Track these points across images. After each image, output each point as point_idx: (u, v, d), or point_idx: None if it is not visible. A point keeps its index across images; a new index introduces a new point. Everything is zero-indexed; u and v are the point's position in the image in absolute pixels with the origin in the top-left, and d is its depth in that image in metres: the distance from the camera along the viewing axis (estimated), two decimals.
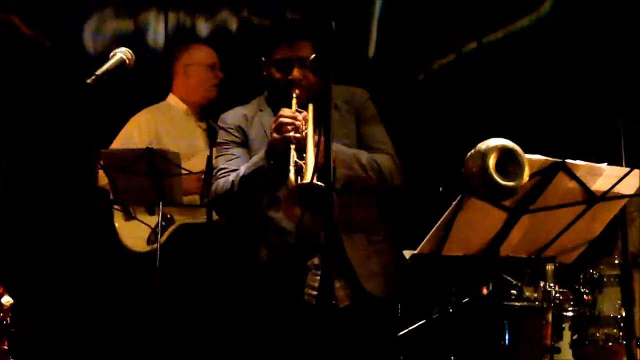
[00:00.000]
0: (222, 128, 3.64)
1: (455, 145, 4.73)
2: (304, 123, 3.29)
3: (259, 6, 5.38)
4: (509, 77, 4.96)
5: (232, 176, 3.44)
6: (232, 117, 3.63)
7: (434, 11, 5.14)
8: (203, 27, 5.43)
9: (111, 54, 2.84)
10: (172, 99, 4.72)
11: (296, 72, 3.45)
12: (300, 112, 3.33)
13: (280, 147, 3.26)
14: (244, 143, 3.57)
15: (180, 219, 4.42)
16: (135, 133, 4.53)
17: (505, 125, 4.72)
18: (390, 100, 4.51)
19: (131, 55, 2.85)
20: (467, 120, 4.90)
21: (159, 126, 4.57)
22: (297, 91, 3.41)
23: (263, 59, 3.56)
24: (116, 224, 4.47)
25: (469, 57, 5.12)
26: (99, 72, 2.71)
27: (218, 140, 3.68)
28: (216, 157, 3.68)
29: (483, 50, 5.09)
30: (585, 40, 4.75)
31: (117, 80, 2.83)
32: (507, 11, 5.09)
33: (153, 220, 4.37)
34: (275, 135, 3.27)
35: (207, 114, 4.66)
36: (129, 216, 4.44)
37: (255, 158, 3.40)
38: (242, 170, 3.40)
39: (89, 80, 2.66)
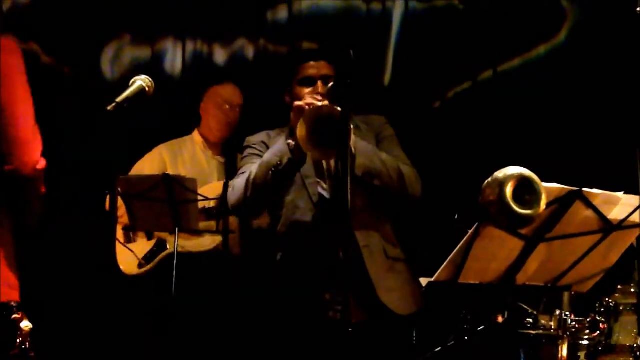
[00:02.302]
0: (246, 146, 3.69)
1: (470, 173, 4.75)
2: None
3: (276, 34, 5.41)
4: (524, 105, 4.97)
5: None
6: (256, 136, 3.71)
7: (449, 39, 5.17)
8: (220, 55, 5.47)
9: (131, 81, 2.85)
10: (195, 133, 4.82)
11: (320, 88, 3.52)
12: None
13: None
14: None
15: (173, 245, 4.31)
16: (147, 165, 4.62)
17: (521, 153, 4.74)
18: (405, 127, 4.52)
19: (151, 82, 2.87)
20: (482, 148, 4.91)
21: (169, 157, 4.65)
22: None
23: (288, 88, 3.61)
24: (116, 247, 4.50)
25: (485, 86, 5.13)
26: (119, 99, 2.72)
27: (242, 157, 3.71)
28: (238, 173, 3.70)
29: (499, 79, 5.11)
30: (601, 69, 4.76)
31: (136, 107, 2.85)
32: (523, 40, 5.11)
33: (150, 244, 4.48)
34: (295, 113, 3.31)
35: (230, 148, 4.73)
36: (127, 240, 4.49)
37: (275, 145, 3.43)
38: (263, 158, 3.43)
39: (109, 108, 2.68)
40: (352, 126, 3.10)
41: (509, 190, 2.55)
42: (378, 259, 3.45)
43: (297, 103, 3.35)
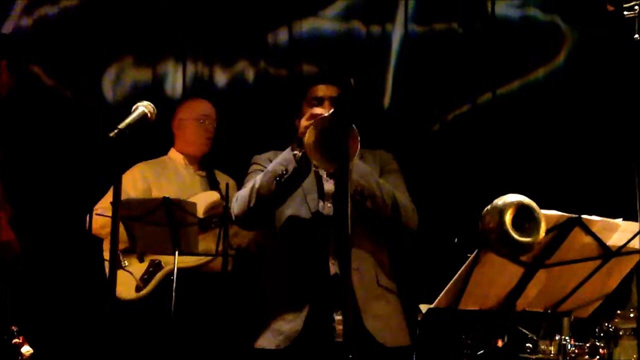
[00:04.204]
0: (252, 163, 3.70)
1: (469, 196, 4.78)
2: None
3: (276, 57, 5.44)
4: (523, 128, 4.99)
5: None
6: (263, 154, 3.71)
7: (448, 62, 5.19)
8: (220, 78, 5.50)
9: (133, 107, 2.86)
10: (171, 152, 4.81)
11: (327, 107, 3.53)
12: None
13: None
14: None
15: (169, 263, 4.34)
16: (128, 184, 4.56)
17: (520, 175, 4.76)
18: (405, 150, 4.54)
19: (153, 108, 2.88)
20: (481, 171, 4.93)
21: (151, 176, 4.64)
22: None
23: (297, 112, 3.63)
24: (107, 274, 4.49)
25: (484, 108, 5.15)
26: (121, 125, 2.73)
27: (248, 172, 3.72)
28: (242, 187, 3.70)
29: (498, 101, 5.13)
30: (600, 92, 4.78)
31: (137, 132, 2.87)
32: (522, 63, 5.13)
33: (143, 266, 4.46)
34: (305, 122, 3.29)
35: (209, 163, 4.76)
36: (119, 265, 4.47)
37: (281, 155, 3.42)
38: (268, 167, 3.43)
39: (111, 134, 2.69)
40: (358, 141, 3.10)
41: (508, 217, 2.56)
42: (368, 284, 3.43)
43: (309, 112, 3.35)
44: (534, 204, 2.61)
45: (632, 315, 3.59)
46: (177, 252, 4.15)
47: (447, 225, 4.63)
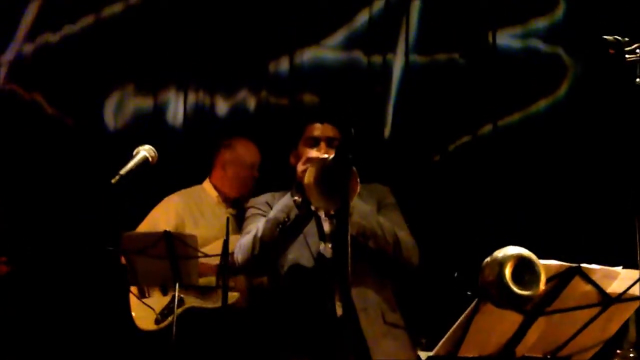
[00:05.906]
0: (249, 207, 3.70)
1: (470, 226, 4.78)
2: None
3: (277, 86, 5.45)
4: (524, 159, 5.00)
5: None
6: (260, 197, 3.72)
7: (450, 93, 5.20)
8: (222, 106, 5.51)
9: (135, 151, 2.90)
10: (207, 184, 4.80)
11: (324, 149, 3.53)
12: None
13: None
14: None
15: (190, 301, 4.40)
16: (162, 217, 4.61)
17: (519, 206, 4.77)
18: (405, 180, 4.55)
19: (154, 153, 2.92)
20: (481, 201, 4.93)
21: (186, 210, 4.65)
22: None
23: (293, 150, 3.63)
24: (130, 302, 4.52)
25: (485, 140, 5.16)
26: (122, 171, 2.78)
27: (245, 216, 3.71)
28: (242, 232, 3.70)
29: (498, 133, 5.13)
30: (601, 125, 4.79)
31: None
32: (523, 94, 5.14)
33: (165, 300, 4.46)
34: (302, 167, 3.32)
35: (240, 203, 4.73)
36: (142, 295, 4.50)
37: (281, 201, 3.43)
38: (269, 214, 3.43)
39: (113, 180, 2.72)
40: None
41: (508, 271, 2.56)
42: (375, 323, 3.43)
43: (308, 156, 3.40)
44: (533, 257, 2.62)
45: (631, 355, 3.58)
46: (177, 285, 4.17)
47: (448, 256, 4.63)
